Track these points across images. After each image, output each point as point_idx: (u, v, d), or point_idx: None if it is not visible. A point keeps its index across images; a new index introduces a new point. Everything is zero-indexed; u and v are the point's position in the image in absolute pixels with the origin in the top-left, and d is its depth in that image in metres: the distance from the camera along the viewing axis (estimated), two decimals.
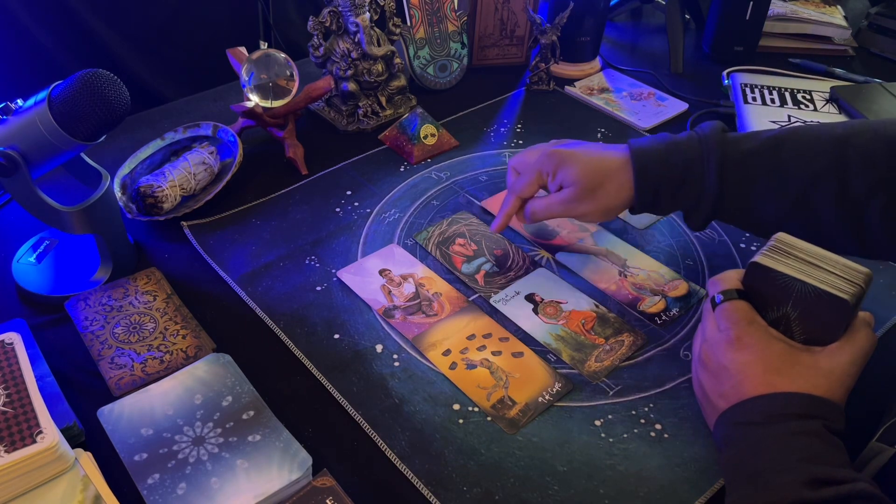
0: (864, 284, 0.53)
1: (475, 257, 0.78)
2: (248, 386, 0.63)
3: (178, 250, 0.81)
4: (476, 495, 0.57)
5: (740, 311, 0.55)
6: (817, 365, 0.53)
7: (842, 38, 1.26)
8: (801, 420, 0.50)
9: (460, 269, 0.77)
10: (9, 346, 0.60)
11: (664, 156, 0.66)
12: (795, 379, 0.52)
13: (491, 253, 0.78)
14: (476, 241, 0.80)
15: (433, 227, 0.81)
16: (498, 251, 0.79)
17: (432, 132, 0.96)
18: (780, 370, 0.52)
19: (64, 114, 0.64)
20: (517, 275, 0.77)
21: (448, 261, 0.78)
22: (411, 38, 1.07)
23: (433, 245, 0.79)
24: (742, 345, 0.54)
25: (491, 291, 0.74)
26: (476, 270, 0.77)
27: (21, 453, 0.52)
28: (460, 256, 0.78)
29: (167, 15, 1.20)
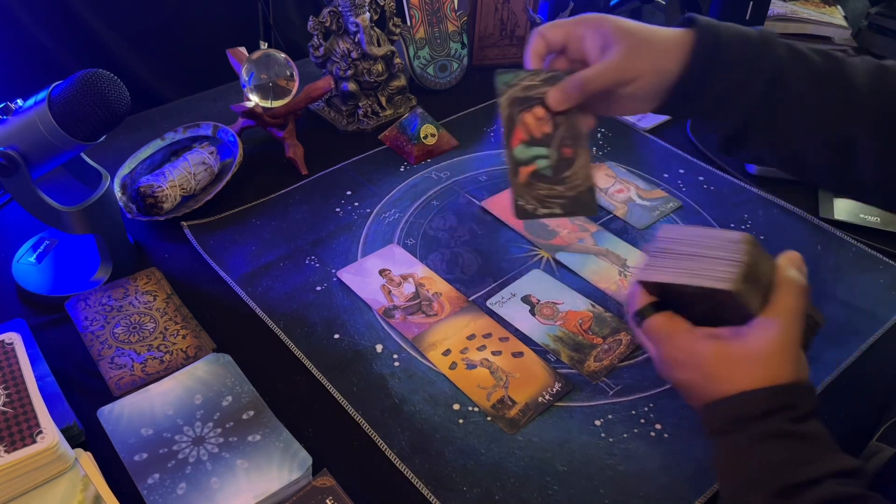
0: (746, 256, 0.49)
1: (540, 143, 0.59)
2: (248, 386, 0.63)
3: (178, 250, 0.81)
4: (476, 495, 0.57)
5: (658, 329, 0.53)
6: (751, 354, 0.49)
7: (842, 39, 1.26)
8: (760, 422, 0.47)
9: (513, 149, 0.58)
10: (9, 346, 0.60)
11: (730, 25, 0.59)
12: (736, 378, 0.49)
13: (560, 148, 0.59)
14: (557, 122, 0.59)
15: (525, 74, 0.59)
16: (568, 151, 0.59)
17: (432, 132, 0.96)
18: (718, 374, 0.50)
19: (64, 114, 0.64)
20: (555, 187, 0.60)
21: (509, 128, 0.58)
22: (411, 38, 1.07)
23: (508, 97, 0.58)
24: (674, 363, 0.52)
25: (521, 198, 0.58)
26: (528, 161, 0.58)
27: (21, 453, 0.52)
28: (525, 132, 0.59)
29: (167, 15, 1.20)
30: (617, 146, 0.99)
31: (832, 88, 0.57)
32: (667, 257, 0.52)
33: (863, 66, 0.58)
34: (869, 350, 0.70)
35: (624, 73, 0.57)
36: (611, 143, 1.00)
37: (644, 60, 0.57)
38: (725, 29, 0.57)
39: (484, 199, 0.88)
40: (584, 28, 0.58)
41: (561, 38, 0.59)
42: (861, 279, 0.78)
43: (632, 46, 0.57)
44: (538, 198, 0.58)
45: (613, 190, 0.90)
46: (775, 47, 0.57)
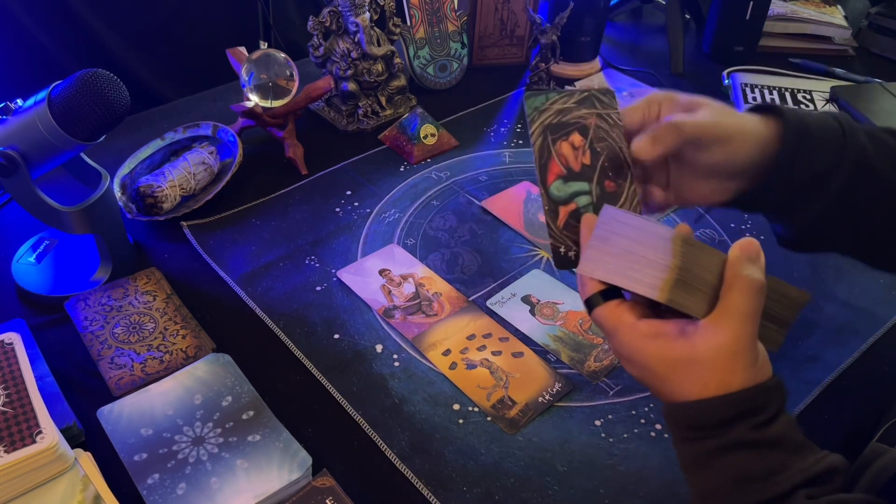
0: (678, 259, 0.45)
1: (579, 177, 0.51)
2: (247, 386, 0.63)
3: (178, 250, 0.80)
4: (476, 495, 0.57)
5: (604, 321, 0.48)
6: (697, 360, 0.45)
7: (842, 38, 1.26)
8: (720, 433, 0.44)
9: (549, 186, 0.50)
10: (8, 346, 0.60)
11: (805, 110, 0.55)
12: (687, 385, 0.45)
13: (602, 180, 0.51)
14: (597, 148, 0.51)
15: (556, 97, 0.52)
16: (611, 184, 0.51)
17: (432, 132, 0.96)
18: (666, 377, 0.46)
19: (64, 114, 0.64)
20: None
21: (544, 161, 0.51)
22: (411, 38, 1.07)
23: (540, 125, 0.52)
24: (622, 358, 0.48)
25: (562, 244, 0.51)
26: (566, 200, 0.50)
27: (21, 453, 0.51)
28: (562, 166, 0.51)
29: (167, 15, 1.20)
30: None
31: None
32: (606, 248, 0.47)
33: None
34: (869, 350, 0.70)
35: (721, 126, 0.51)
36: None
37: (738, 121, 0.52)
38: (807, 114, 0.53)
39: (484, 198, 0.88)
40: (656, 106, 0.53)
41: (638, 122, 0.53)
42: (861, 279, 0.78)
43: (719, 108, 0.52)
44: (578, 242, 0.50)
45: None
46: (858, 134, 0.53)
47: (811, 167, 0.52)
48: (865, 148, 0.52)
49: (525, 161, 0.96)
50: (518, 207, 0.87)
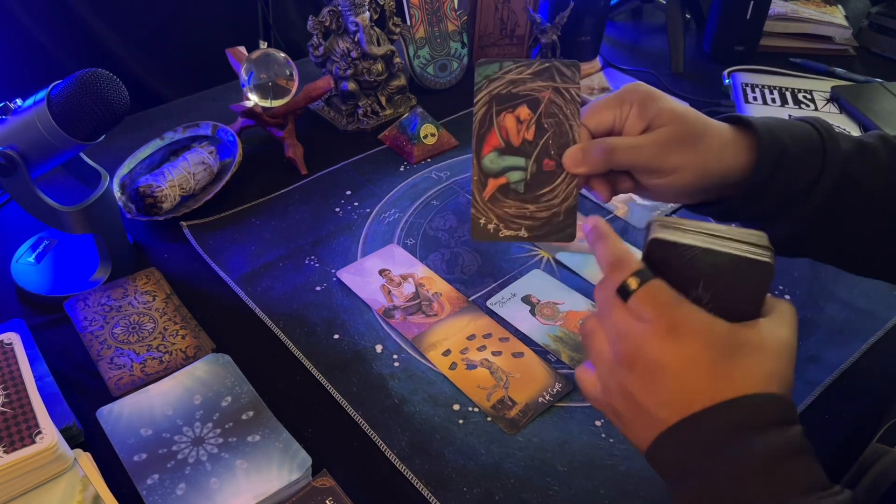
0: (771, 245, 0.42)
1: (517, 152, 0.49)
2: (247, 386, 0.63)
3: (178, 250, 0.80)
4: (476, 496, 0.57)
5: (664, 293, 0.41)
6: (765, 344, 0.41)
7: (842, 38, 1.26)
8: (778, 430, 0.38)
9: (482, 157, 0.49)
10: (8, 346, 0.60)
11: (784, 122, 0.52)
12: (752, 365, 0.40)
13: (541, 156, 0.49)
14: (545, 124, 0.49)
15: (510, 66, 0.49)
16: (549, 163, 0.49)
17: (432, 132, 0.96)
18: (731, 356, 0.40)
19: (63, 113, 0.64)
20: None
21: (482, 131, 0.49)
22: (411, 38, 1.07)
23: (487, 93, 0.49)
24: (682, 333, 0.40)
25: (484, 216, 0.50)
26: (497, 173, 0.49)
27: (20, 454, 0.51)
28: (501, 138, 0.49)
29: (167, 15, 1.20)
30: None
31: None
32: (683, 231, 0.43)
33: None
34: (869, 350, 0.70)
35: (662, 159, 0.49)
36: None
37: (687, 154, 0.49)
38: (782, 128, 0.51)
39: None
40: (637, 95, 0.50)
41: (608, 124, 0.50)
42: (861, 280, 0.77)
43: (677, 133, 0.49)
44: (502, 216, 0.49)
45: None
46: (839, 144, 0.51)
47: (787, 188, 0.50)
48: (848, 158, 0.50)
49: None
50: None
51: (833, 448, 0.61)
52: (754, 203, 0.51)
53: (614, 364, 0.43)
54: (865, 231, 0.52)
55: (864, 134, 0.54)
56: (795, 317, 0.43)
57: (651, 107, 0.49)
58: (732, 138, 0.50)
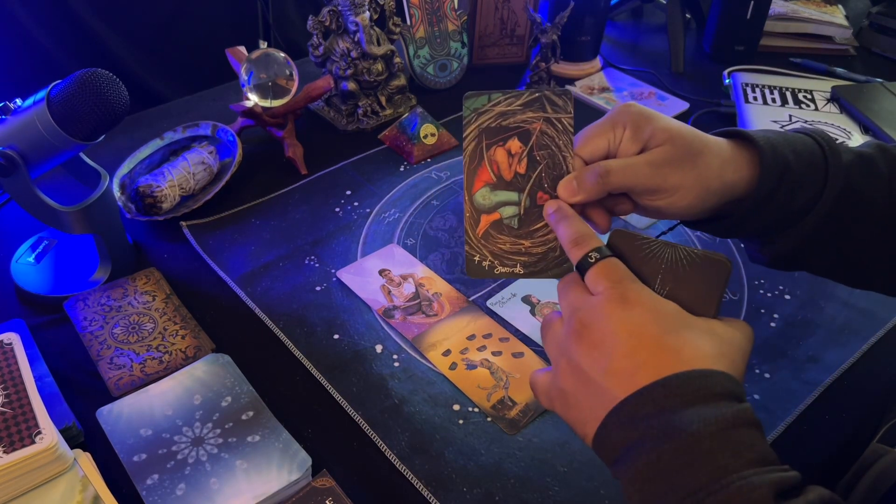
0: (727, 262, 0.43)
1: (509, 186, 0.48)
2: (247, 386, 0.63)
3: (178, 250, 0.80)
4: (476, 496, 0.57)
5: (621, 270, 0.42)
6: (714, 330, 0.41)
7: (843, 38, 1.26)
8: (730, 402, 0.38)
9: (474, 194, 0.48)
10: (7, 346, 0.60)
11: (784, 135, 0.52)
12: (700, 343, 0.40)
13: (533, 193, 0.48)
14: (537, 157, 0.48)
15: (499, 97, 0.48)
16: (543, 197, 0.48)
17: (432, 132, 0.96)
18: (679, 330, 0.40)
19: (63, 113, 0.64)
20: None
21: (473, 167, 0.48)
22: (411, 38, 1.07)
23: (476, 127, 0.48)
24: (631, 302, 0.41)
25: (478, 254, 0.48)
26: (490, 209, 0.48)
27: (20, 454, 0.51)
28: (492, 172, 0.48)
29: (167, 15, 1.20)
30: None
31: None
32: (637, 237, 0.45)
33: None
34: (869, 350, 0.70)
35: (661, 178, 0.47)
36: None
37: (687, 173, 0.47)
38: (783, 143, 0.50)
39: None
40: (628, 116, 0.48)
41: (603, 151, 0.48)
42: None
43: (674, 152, 0.47)
44: (496, 253, 0.48)
45: None
46: (840, 157, 0.50)
47: (789, 204, 0.50)
48: (849, 171, 0.50)
49: None
50: None
51: (833, 448, 0.61)
52: (756, 219, 0.50)
53: (564, 340, 0.43)
54: (866, 243, 0.51)
55: (862, 144, 0.53)
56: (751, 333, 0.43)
57: (646, 127, 0.48)
58: (733, 154, 0.49)
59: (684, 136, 0.48)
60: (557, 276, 0.47)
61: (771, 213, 0.49)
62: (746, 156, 0.49)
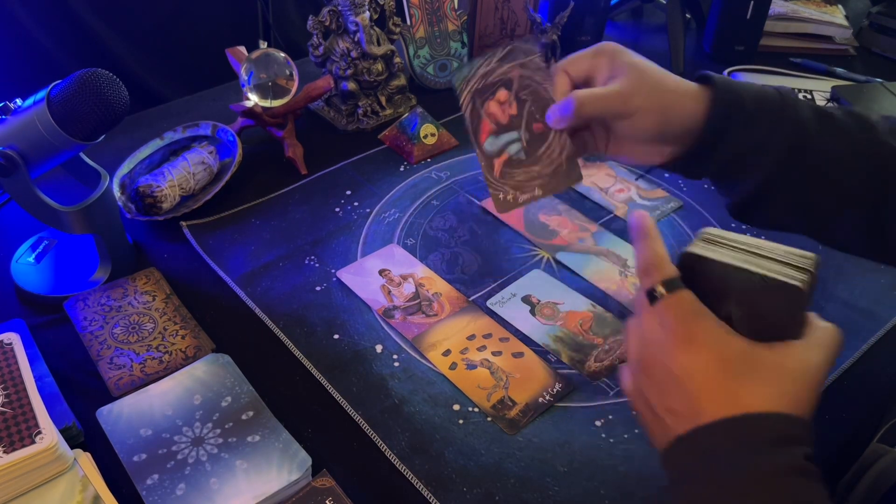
0: (814, 269, 0.42)
1: (508, 128, 0.56)
2: (247, 386, 0.63)
3: (178, 250, 0.80)
4: (476, 496, 0.57)
5: (688, 304, 0.43)
6: (783, 366, 0.41)
7: (843, 38, 1.26)
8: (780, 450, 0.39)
9: (482, 144, 0.56)
10: (7, 346, 0.60)
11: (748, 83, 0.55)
12: (761, 385, 0.41)
13: (530, 124, 0.56)
14: (522, 97, 0.56)
15: (480, 62, 0.56)
16: (538, 126, 0.56)
17: (432, 132, 0.96)
18: (742, 374, 0.41)
19: (63, 113, 0.64)
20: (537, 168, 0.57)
21: (475, 124, 0.56)
22: (411, 38, 1.07)
23: (468, 93, 0.56)
24: (695, 344, 0.42)
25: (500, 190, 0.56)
26: (499, 151, 0.56)
27: (20, 454, 0.51)
28: (492, 122, 0.56)
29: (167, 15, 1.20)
30: None
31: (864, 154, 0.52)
32: (722, 246, 0.44)
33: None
34: (869, 350, 0.70)
35: (623, 102, 0.53)
36: None
37: (647, 97, 0.54)
38: (743, 85, 0.54)
39: (484, 198, 0.88)
40: (601, 59, 0.55)
41: (584, 71, 0.56)
42: (862, 279, 0.78)
43: (637, 79, 0.54)
44: (516, 185, 0.56)
45: (614, 190, 0.90)
46: (799, 108, 0.53)
47: (742, 141, 0.53)
48: (806, 124, 0.52)
49: None
50: None
51: (833, 448, 0.61)
52: (712, 157, 0.54)
53: (636, 366, 0.45)
54: (832, 199, 0.54)
55: (834, 106, 0.56)
56: (836, 341, 0.43)
57: (618, 59, 0.55)
58: (694, 90, 0.54)
59: (648, 67, 0.55)
60: (571, 184, 0.56)
61: (724, 151, 0.54)
62: (704, 92, 0.54)
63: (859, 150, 0.53)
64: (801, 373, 0.41)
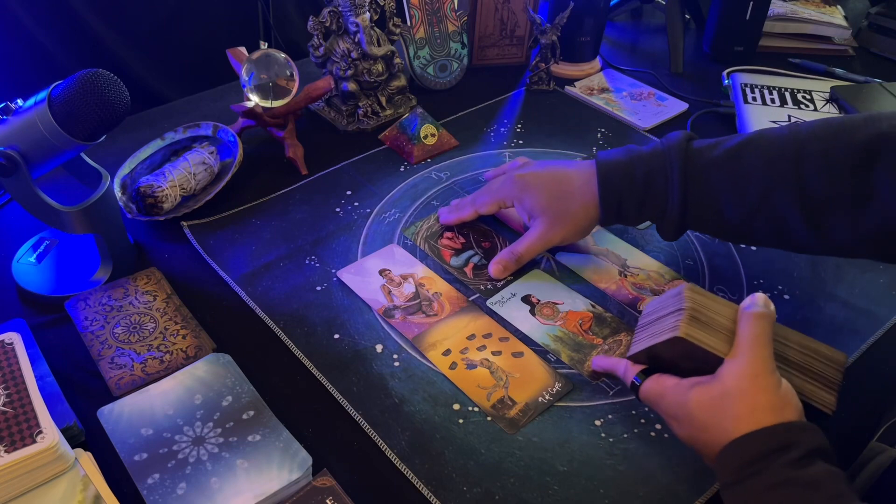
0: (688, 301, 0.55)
1: (463, 250, 0.79)
2: (247, 386, 0.63)
3: (178, 250, 0.81)
4: (476, 495, 0.57)
5: (650, 392, 0.56)
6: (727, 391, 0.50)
7: (842, 38, 1.26)
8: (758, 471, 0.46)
9: (449, 262, 0.78)
10: (9, 345, 0.60)
11: (627, 169, 0.67)
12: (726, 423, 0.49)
13: (479, 245, 0.79)
14: (464, 234, 0.81)
15: (421, 222, 0.82)
16: (486, 243, 0.80)
17: (432, 132, 0.96)
18: (708, 422, 0.50)
19: (64, 114, 0.64)
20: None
21: (437, 254, 0.79)
22: (411, 38, 1.07)
23: (421, 239, 0.80)
24: (672, 421, 0.54)
25: (480, 284, 0.75)
26: (464, 263, 0.78)
27: (21, 453, 0.51)
28: (448, 250, 0.79)
29: (167, 15, 1.20)
30: (617, 146, 0.99)
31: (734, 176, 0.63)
32: (641, 329, 0.59)
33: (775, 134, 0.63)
34: (869, 350, 0.70)
35: (551, 241, 0.73)
36: (611, 143, 1.00)
37: (567, 227, 0.71)
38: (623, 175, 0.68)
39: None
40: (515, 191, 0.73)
41: (495, 210, 0.78)
42: (861, 279, 0.78)
43: (554, 217, 0.71)
44: (487, 277, 0.76)
45: None
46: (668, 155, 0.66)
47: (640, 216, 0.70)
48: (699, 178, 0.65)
49: None
50: None
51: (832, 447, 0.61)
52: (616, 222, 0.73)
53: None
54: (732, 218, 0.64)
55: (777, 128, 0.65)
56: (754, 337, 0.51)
57: (527, 200, 0.72)
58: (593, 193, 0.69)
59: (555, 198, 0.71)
60: None
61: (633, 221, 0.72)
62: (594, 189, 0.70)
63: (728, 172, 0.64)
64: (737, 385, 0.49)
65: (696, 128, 1.03)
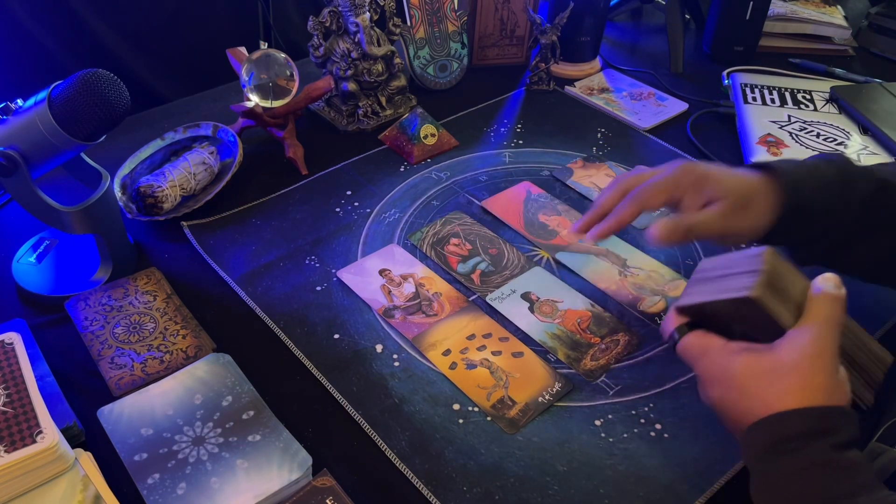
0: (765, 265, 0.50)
1: (470, 257, 0.78)
2: (247, 386, 0.63)
3: (178, 250, 0.81)
4: (476, 495, 0.57)
5: (692, 347, 0.53)
6: (782, 365, 0.47)
7: (842, 38, 1.26)
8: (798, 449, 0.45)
9: (456, 269, 0.77)
10: (9, 346, 0.60)
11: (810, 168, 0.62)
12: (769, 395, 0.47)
13: (486, 252, 0.78)
14: (470, 240, 0.80)
15: (427, 228, 0.81)
16: (493, 250, 0.78)
17: (432, 132, 0.96)
18: (750, 390, 0.48)
19: (64, 114, 0.64)
20: (513, 274, 0.76)
21: (443, 261, 0.78)
22: (411, 38, 1.07)
23: (428, 246, 0.79)
24: (708, 380, 0.52)
25: (487, 290, 0.74)
26: (472, 270, 0.77)
27: (21, 453, 0.52)
28: (455, 256, 0.78)
29: (167, 15, 1.20)
30: (617, 146, 0.99)
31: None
32: (698, 283, 0.55)
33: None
34: None
35: (727, 229, 0.61)
36: (611, 143, 1.00)
37: (747, 219, 0.61)
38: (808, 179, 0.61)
39: (484, 198, 0.88)
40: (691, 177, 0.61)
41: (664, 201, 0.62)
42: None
43: (737, 202, 0.60)
44: (495, 284, 0.75)
45: None
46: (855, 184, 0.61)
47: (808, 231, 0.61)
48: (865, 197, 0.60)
49: (525, 161, 0.96)
50: (518, 207, 0.87)
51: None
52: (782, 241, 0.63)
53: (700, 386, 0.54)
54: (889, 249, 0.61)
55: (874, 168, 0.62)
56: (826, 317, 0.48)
57: (705, 186, 0.61)
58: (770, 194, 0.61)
59: (739, 188, 0.61)
60: None
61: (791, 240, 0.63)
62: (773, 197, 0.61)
63: None
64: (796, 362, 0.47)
65: (696, 128, 1.03)
